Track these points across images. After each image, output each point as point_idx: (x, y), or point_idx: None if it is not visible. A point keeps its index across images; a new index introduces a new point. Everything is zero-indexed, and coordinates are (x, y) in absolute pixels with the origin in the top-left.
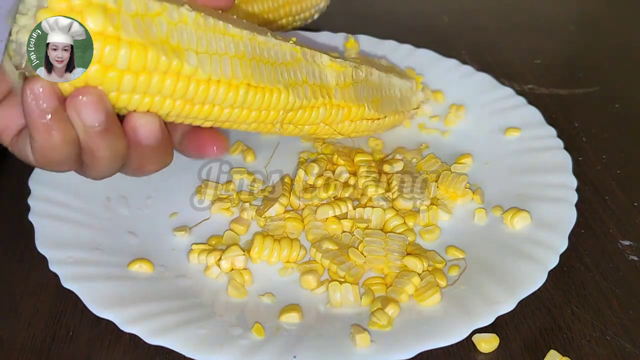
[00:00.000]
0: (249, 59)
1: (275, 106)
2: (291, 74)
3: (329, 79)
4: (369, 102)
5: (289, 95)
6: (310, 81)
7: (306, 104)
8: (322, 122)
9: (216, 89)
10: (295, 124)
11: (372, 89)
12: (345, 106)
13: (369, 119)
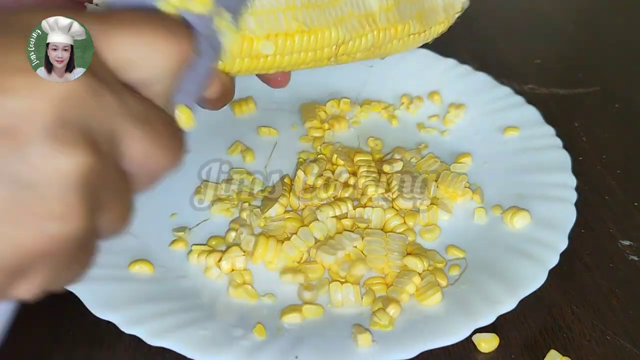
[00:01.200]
0: (299, 7)
1: (328, 43)
2: (337, 10)
3: (372, 6)
4: (413, 18)
5: (338, 31)
6: (355, 13)
7: (355, 35)
8: (372, 47)
9: (275, 42)
10: (348, 54)
11: (415, 4)
12: (392, 27)
13: (415, 33)
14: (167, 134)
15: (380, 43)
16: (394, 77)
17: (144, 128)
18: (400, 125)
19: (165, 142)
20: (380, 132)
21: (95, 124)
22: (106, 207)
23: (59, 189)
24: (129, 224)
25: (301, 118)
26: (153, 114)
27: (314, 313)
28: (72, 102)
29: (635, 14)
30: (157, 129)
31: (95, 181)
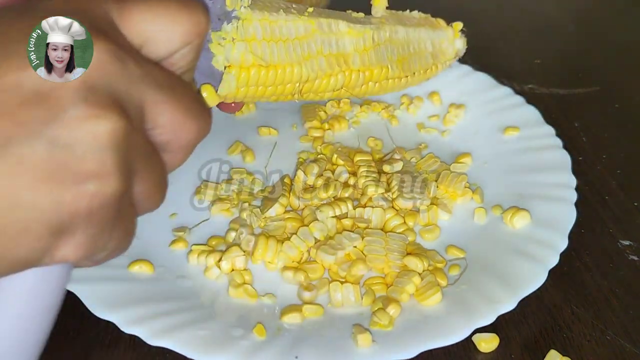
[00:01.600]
0: (259, 40)
1: (290, 80)
2: (304, 47)
3: (346, 46)
4: (393, 62)
5: (301, 69)
6: (325, 51)
7: (321, 74)
8: (343, 88)
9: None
10: (314, 92)
11: (398, 48)
12: (366, 70)
13: (394, 78)
14: (192, 103)
15: (352, 84)
16: None
17: (170, 96)
18: (400, 125)
19: (190, 111)
20: (380, 132)
21: (122, 90)
22: (140, 175)
23: (94, 150)
24: (162, 198)
25: (301, 118)
26: (177, 84)
27: (314, 313)
28: (98, 69)
29: (635, 14)
30: (181, 99)
31: (127, 145)
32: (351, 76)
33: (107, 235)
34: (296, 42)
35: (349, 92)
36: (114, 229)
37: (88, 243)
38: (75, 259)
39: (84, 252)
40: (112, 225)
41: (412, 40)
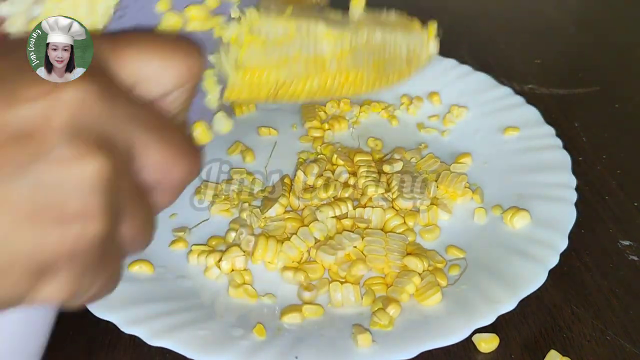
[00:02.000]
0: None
1: (266, 83)
2: (282, 50)
3: (324, 50)
4: (369, 66)
5: (278, 72)
6: (303, 55)
7: (297, 79)
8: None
9: None
10: (290, 95)
11: (374, 52)
12: (342, 74)
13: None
14: (183, 145)
15: (327, 88)
16: None
17: (159, 138)
18: (400, 125)
19: (181, 153)
20: (380, 132)
21: (109, 131)
22: (127, 216)
23: (80, 191)
24: (149, 240)
25: (301, 118)
26: (168, 125)
27: (314, 313)
28: (86, 109)
29: (635, 14)
30: (172, 140)
31: (114, 186)
32: (327, 80)
33: (91, 277)
34: (274, 44)
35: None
36: (99, 270)
37: (71, 285)
38: (57, 300)
39: (67, 294)
40: (96, 267)
41: (388, 45)
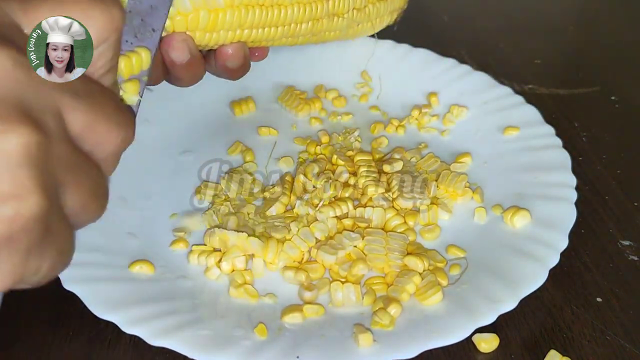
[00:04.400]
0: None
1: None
2: None
3: None
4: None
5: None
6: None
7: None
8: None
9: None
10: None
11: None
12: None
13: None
14: (114, 111)
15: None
16: (393, 78)
17: (86, 102)
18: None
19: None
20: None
21: (32, 100)
22: (68, 186)
23: (7, 168)
24: (102, 207)
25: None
26: (96, 90)
27: (315, 313)
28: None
29: (635, 14)
30: (102, 106)
31: (44, 158)
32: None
33: (36, 258)
34: None
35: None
36: (45, 249)
37: (15, 270)
38: (3, 287)
39: (13, 280)
40: (40, 247)
41: None
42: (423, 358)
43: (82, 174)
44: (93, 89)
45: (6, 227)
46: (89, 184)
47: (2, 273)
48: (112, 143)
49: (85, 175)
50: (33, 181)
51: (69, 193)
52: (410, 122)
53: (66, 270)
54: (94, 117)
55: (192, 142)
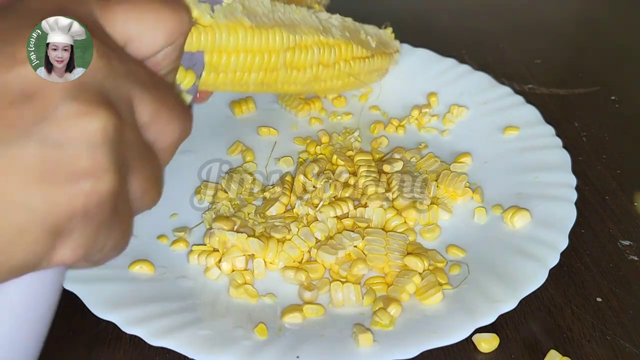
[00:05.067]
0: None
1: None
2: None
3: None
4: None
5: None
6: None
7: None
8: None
9: None
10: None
11: (352, 31)
12: (335, 44)
13: (359, 57)
14: (175, 104)
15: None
16: (393, 78)
17: (154, 95)
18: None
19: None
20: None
21: (110, 88)
22: (134, 171)
23: (87, 147)
24: (159, 195)
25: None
26: (161, 83)
27: (315, 313)
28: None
29: (635, 14)
30: (165, 98)
31: (119, 141)
32: (324, 51)
33: (104, 235)
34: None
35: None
36: (111, 228)
37: (86, 244)
38: (73, 260)
39: (82, 253)
40: (109, 224)
41: (359, 28)
42: (423, 358)
43: (145, 161)
44: (159, 83)
45: (83, 201)
46: (151, 171)
47: (75, 243)
48: (173, 134)
49: (148, 162)
50: (109, 161)
51: (134, 178)
52: (410, 122)
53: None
54: (159, 109)
55: (192, 142)
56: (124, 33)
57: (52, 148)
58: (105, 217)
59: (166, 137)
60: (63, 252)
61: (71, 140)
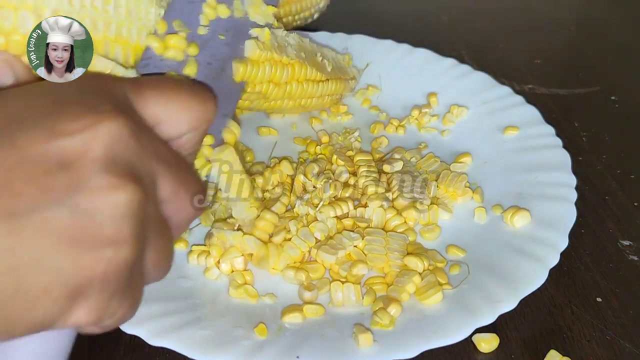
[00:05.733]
0: None
1: None
2: None
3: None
4: (309, 62)
5: None
6: None
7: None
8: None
9: None
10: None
11: (308, 52)
12: (288, 63)
13: (313, 80)
14: (192, 179)
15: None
16: (393, 78)
17: (174, 173)
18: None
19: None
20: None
21: (138, 164)
22: (152, 244)
23: (113, 217)
24: (168, 269)
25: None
26: (183, 164)
27: (315, 313)
28: (119, 143)
29: (635, 14)
30: (186, 179)
31: (142, 214)
32: (277, 69)
33: (117, 302)
34: None
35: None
36: (125, 295)
37: (100, 308)
38: (86, 322)
39: (95, 317)
40: (123, 292)
41: (317, 51)
42: (423, 358)
43: (161, 236)
44: (181, 163)
45: (104, 266)
46: (165, 246)
47: (90, 307)
48: (188, 212)
49: (163, 237)
50: (131, 232)
51: (150, 251)
52: (410, 122)
53: None
54: (179, 188)
55: None
56: (153, 115)
57: (82, 216)
58: (120, 284)
59: (182, 215)
60: (78, 313)
61: (100, 210)
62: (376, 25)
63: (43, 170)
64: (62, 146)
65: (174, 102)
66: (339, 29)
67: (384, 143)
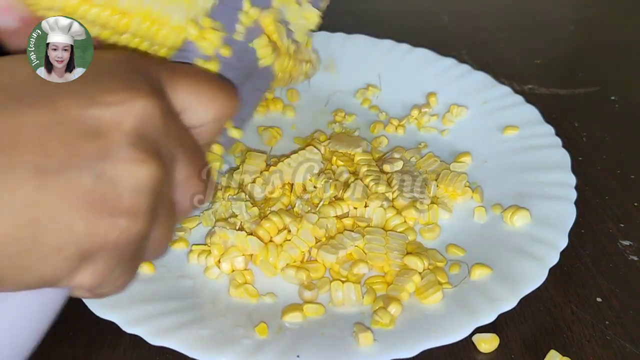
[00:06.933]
0: None
1: None
2: None
3: None
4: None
5: None
6: None
7: None
8: None
9: None
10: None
11: None
12: None
13: None
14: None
15: None
16: (393, 77)
17: (191, 159)
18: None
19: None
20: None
21: (163, 145)
22: (159, 222)
23: (133, 190)
24: (166, 250)
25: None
26: (198, 151)
27: (315, 312)
28: (150, 121)
29: (635, 14)
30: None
31: (159, 192)
32: None
33: (120, 271)
34: None
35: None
36: (127, 267)
37: (104, 274)
38: (88, 286)
39: (98, 281)
40: (126, 263)
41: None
42: (423, 357)
43: (169, 216)
44: (198, 151)
45: (116, 235)
46: (169, 227)
47: (95, 271)
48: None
49: (170, 218)
50: (147, 207)
51: (156, 229)
52: (410, 121)
53: None
54: (192, 174)
55: None
56: (182, 102)
57: (105, 183)
58: (127, 255)
59: (188, 200)
60: (83, 275)
61: (122, 180)
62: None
63: (76, 134)
64: (98, 115)
65: (203, 93)
66: (339, 28)
67: (383, 143)
